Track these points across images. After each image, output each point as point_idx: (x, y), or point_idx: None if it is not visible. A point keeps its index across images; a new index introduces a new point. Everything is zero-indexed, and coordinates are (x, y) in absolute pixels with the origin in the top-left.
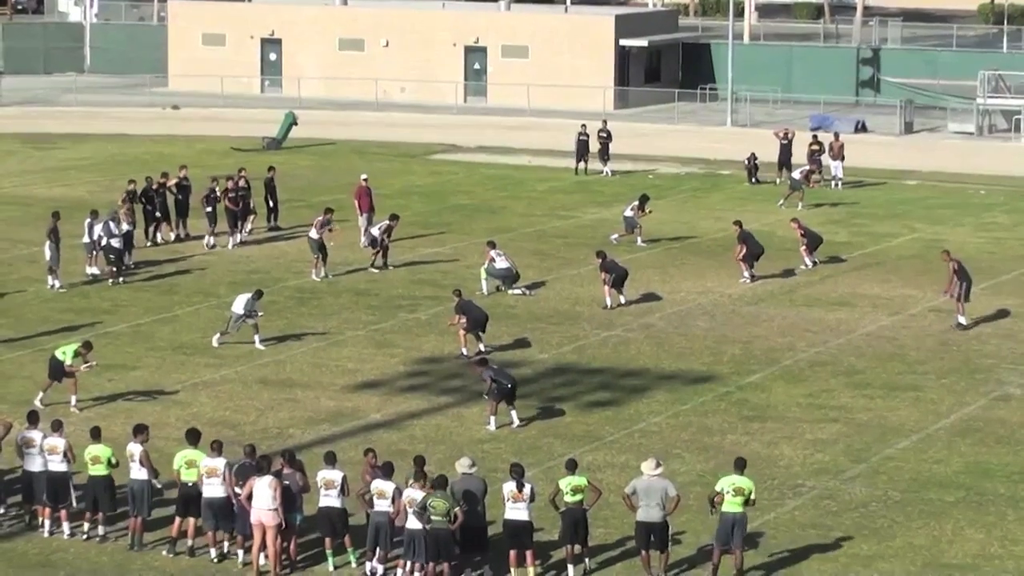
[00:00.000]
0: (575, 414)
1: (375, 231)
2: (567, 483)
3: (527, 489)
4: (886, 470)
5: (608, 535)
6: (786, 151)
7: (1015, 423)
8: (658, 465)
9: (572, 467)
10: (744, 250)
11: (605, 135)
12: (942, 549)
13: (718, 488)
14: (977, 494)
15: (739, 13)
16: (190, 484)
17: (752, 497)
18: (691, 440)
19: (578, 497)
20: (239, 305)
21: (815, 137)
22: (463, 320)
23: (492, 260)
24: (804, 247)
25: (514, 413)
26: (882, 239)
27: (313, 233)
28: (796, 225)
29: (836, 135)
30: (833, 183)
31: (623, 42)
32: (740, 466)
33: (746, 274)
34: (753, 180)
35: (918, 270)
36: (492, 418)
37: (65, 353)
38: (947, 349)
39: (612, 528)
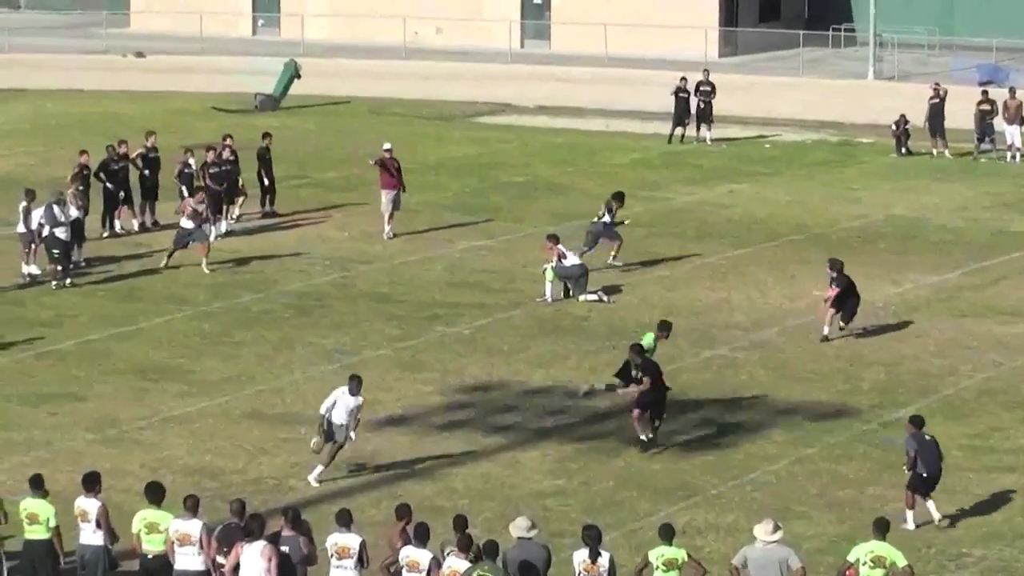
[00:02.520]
0: (666, 460)
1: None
2: (658, 555)
3: (604, 560)
4: None
5: None
6: (937, 113)
7: None
8: (776, 528)
9: (668, 535)
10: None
11: (707, 91)
12: None
13: (851, 559)
14: None
15: None
16: (152, 556)
17: (903, 566)
18: (820, 494)
19: (672, 574)
20: (340, 411)
21: (985, 94)
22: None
23: (560, 257)
24: None
25: (931, 506)
26: None
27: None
28: None
29: (1012, 91)
30: (1009, 154)
31: None
32: (882, 529)
33: (825, 329)
34: (903, 150)
35: None
36: (909, 513)
37: None
38: None
39: None
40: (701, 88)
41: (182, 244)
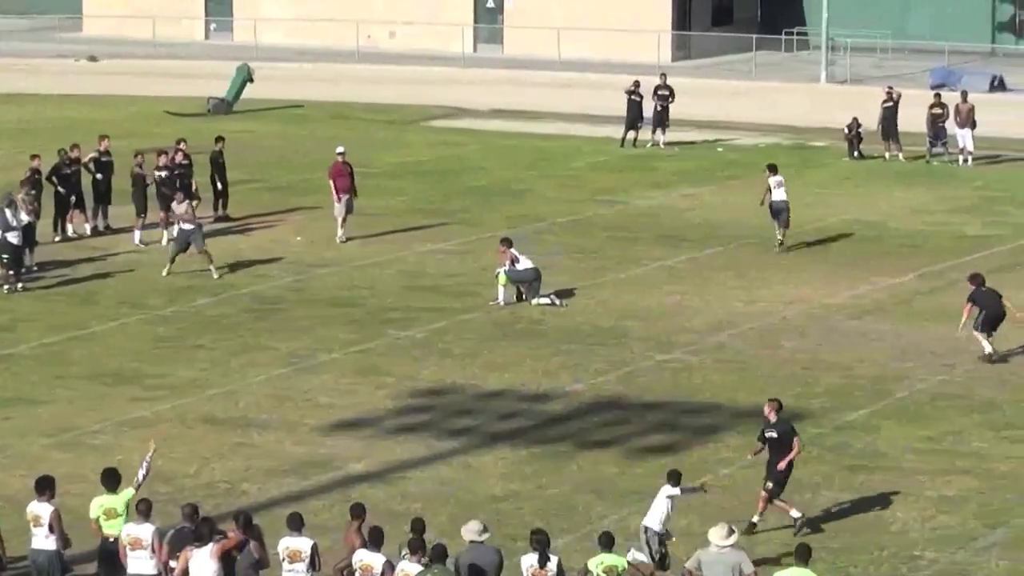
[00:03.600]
0: (622, 464)
1: None
2: (598, 563)
3: (552, 564)
4: None
5: None
6: (890, 116)
7: None
8: (731, 532)
9: (607, 543)
10: (980, 314)
11: (665, 95)
12: None
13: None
14: None
15: None
16: (113, 539)
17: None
18: None
19: None
20: (654, 516)
21: (937, 97)
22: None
23: (513, 261)
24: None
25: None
26: None
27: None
28: None
29: (964, 95)
30: (961, 158)
31: None
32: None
33: (987, 346)
34: (856, 154)
35: None
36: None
37: None
38: None
39: None
40: (659, 92)
41: (183, 247)
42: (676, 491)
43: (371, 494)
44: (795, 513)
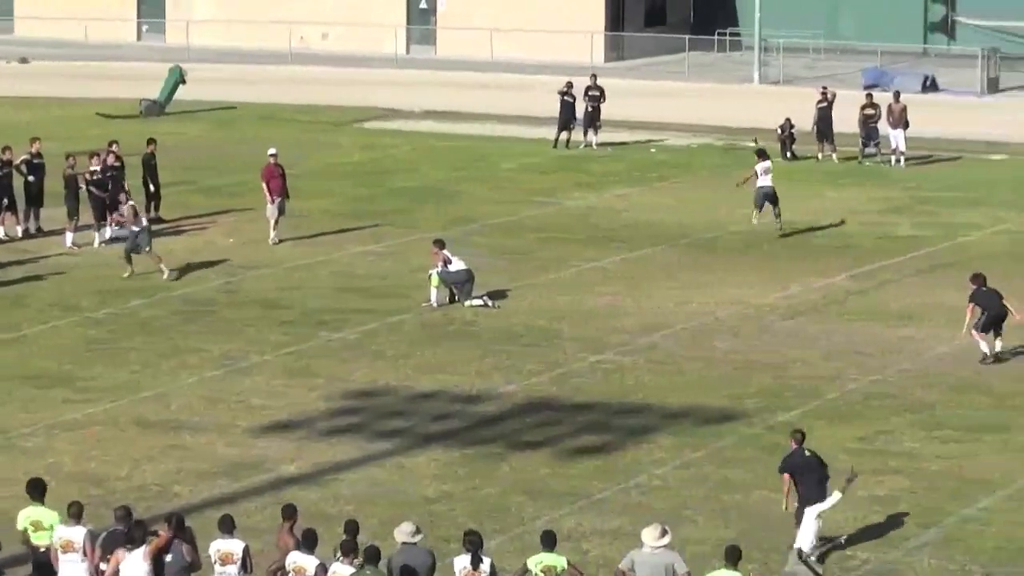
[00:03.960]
0: (554, 464)
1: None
2: (537, 562)
3: (485, 565)
4: (964, 536)
5: None
6: (825, 116)
7: None
8: (664, 533)
9: (549, 542)
10: (981, 315)
11: (596, 95)
12: None
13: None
14: None
15: None
16: (43, 549)
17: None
18: (707, 498)
19: None
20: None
21: (869, 97)
22: None
23: (446, 263)
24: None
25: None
26: (959, 232)
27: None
28: None
29: (896, 95)
30: (893, 158)
31: None
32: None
33: (985, 347)
34: (788, 154)
35: (1007, 272)
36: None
37: None
38: None
39: None
40: (589, 93)
41: (132, 247)
42: (837, 496)
43: (303, 496)
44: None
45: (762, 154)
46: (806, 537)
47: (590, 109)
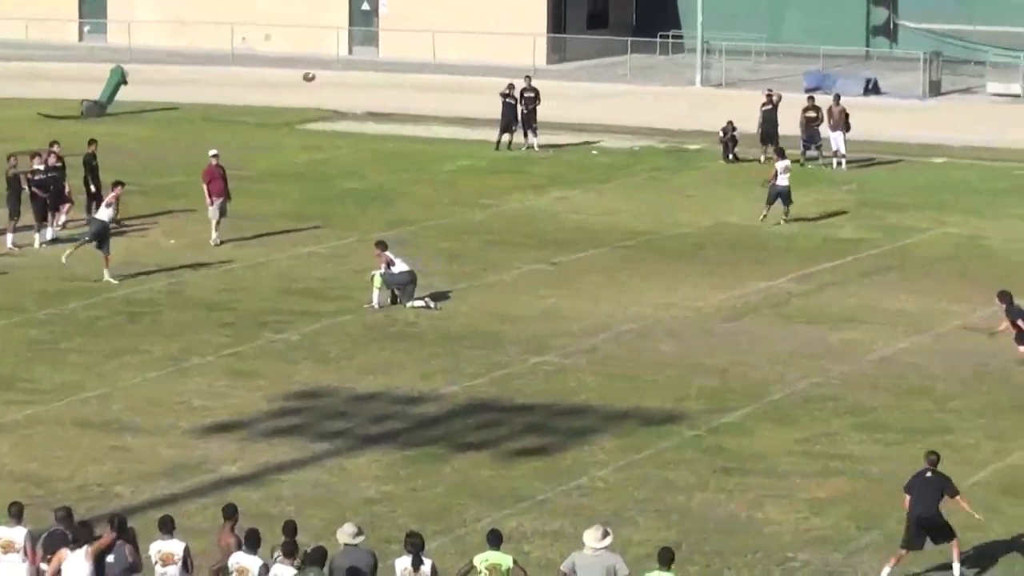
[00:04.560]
0: (496, 466)
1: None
2: (483, 560)
3: (426, 567)
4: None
5: None
6: (769, 119)
7: None
8: (605, 535)
9: (495, 540)
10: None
11: (531, 97)
12: None
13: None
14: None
15: None
16: None
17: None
18: (649, 500)
19: None
20: None
21: (811, 100)
22: None
23: (389, 264)
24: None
25: None
26: (901, 235)
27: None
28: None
29: (837, 98)
30: (835, 161)
31: None
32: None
33: None
34: (730, 156)
35: (950, 275)
36: None
37: None
38: (985, 380)
39: None
40: (525, 95)
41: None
42: None
43: (245, 496)
44: None
45: (781, 153)
46: None
47: (525, 111)
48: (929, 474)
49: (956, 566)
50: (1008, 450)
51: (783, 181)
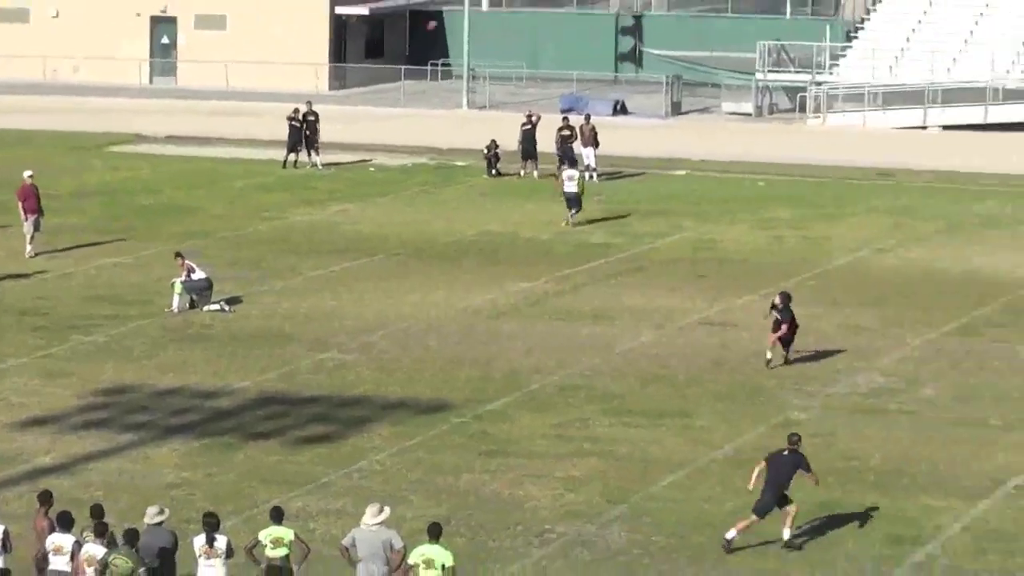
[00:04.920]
0: (283, 452)
1: None
2: (267, 534)
3: (220, 543)
4: (649, 511)
5: None
6: (529, 137)
7: None
8: (381, 511)
9: (277, 516)
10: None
11: (312, 120)
12: None
13: (410, 561)
14: (755, 536)
15: None
16: None
17: (449, 566)
18: (421, 481)
19: (281, 551)
20: None
21: (565, 120)
22: None
23: (189, 272)
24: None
25: None
26: (645, 240)
27: None
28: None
29: (587, 118)
30: (587, 174)
31: (339, 10)
32: (434, 533)
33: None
34: (493, 172)
35: (687, 275)
36: None
37: None
38: (721, 369)
39: None
40: (307, 118)
41: None
42: None
43: (58, 484)
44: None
45: (572, 163)
46: None
47: (308, 133)
48: (786, 452)
49: (786, 531)
50: (740, 431)
51: (569, 188)
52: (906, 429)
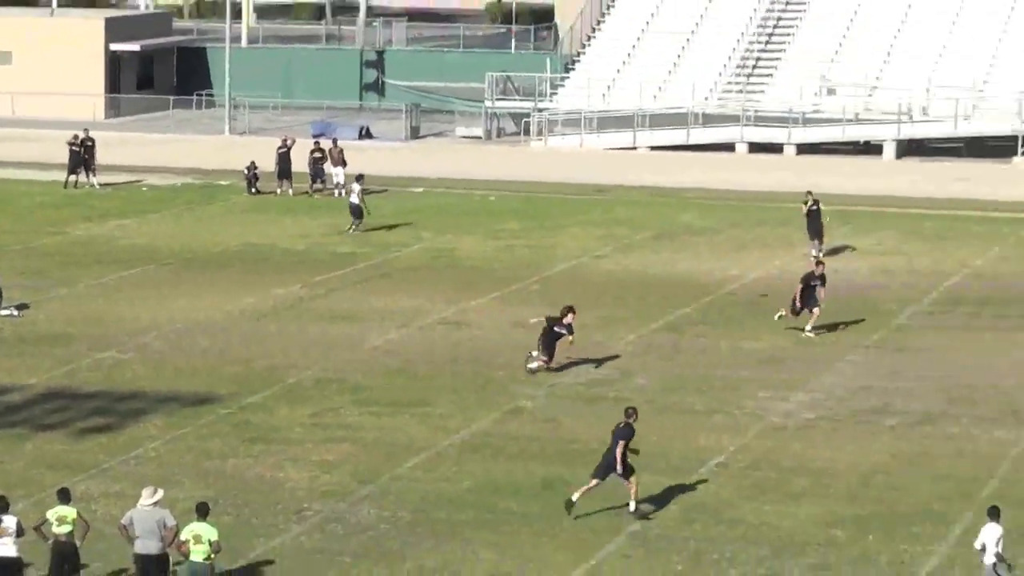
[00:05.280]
0: (68, 442)
1: None
2: (53, 513)
3: (10, 523)
4: (395, 490)
5: (105, 568)
6: (285, 159)
7: (526, 437)
8: (155, 492)
9: (63, 497)
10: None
11: (89, 145)
12: (454, 570)
13: (182, 537)
14: (488, 511)
15: (236, 15)
16: None
17: (215, 540)
18: (191, 465)
19: (65, 528)
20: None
21: (316, 144)
22: None
23: None
24: None
25: None
26: (390, 249)
27: None
28: None
29: (335, 141)
30: (336, 191)
31: (113, 47)
32: (202, 512)
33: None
34: (253, 190)
35: (425, 280)
36: None
37: None
38: (457, 362)
39: (110, 562)
40: (85, 143)
41: None
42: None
43: None
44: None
45: (358, 179)
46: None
47: (86, 156)
48: (623, 425)
49: (632, 504)
50: (474, 418)
51: (355, 199)
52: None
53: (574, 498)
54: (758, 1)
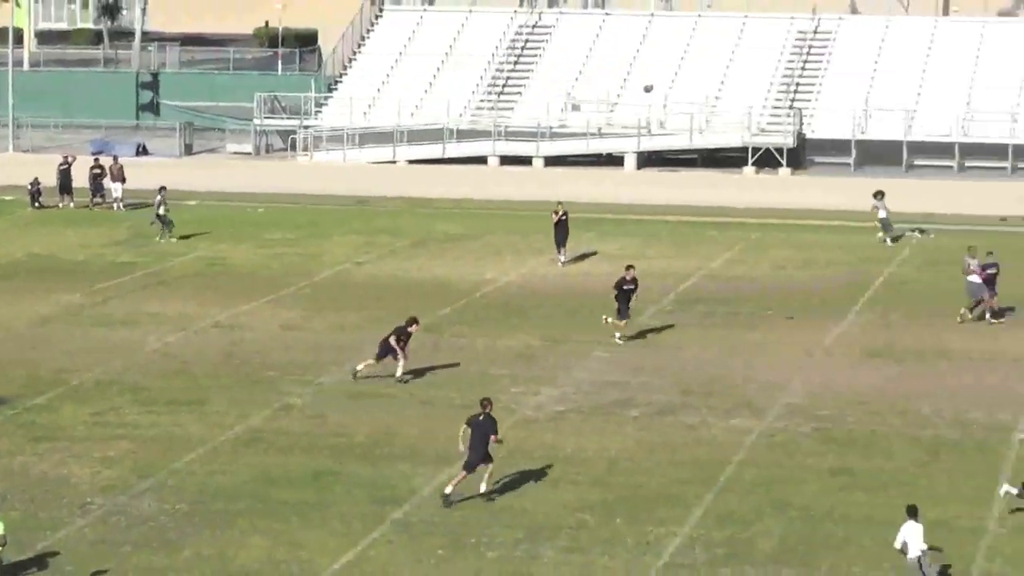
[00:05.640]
0: None
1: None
2: None
3: None
4: (174, 483)
5: None
6: (66, 175)
7: (296, 432)
8: None
9: None
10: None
11: None
12: (230, 557)
13: None
14: (262, 502)
15: (19, 40)
16: None
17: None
18: None
19: None
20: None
21: (96, 160)
22: None
23: None
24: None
25: None
26: (166, 258)
27: None
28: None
29: (115, 158)
30: (116, 205)
31: None
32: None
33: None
34: (37, 204)
35: (200, 287)
36: None
37: None
38: (231, 363)
39: None
40: None
41: None
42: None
43: None
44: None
45: (162, 190)
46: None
47: None
48: (482, 417)
49: (484, 486)
50: (247, 414)
51: (160, 210)
52: (386, 410)
53: (447, 491)
54: (507, 26)
